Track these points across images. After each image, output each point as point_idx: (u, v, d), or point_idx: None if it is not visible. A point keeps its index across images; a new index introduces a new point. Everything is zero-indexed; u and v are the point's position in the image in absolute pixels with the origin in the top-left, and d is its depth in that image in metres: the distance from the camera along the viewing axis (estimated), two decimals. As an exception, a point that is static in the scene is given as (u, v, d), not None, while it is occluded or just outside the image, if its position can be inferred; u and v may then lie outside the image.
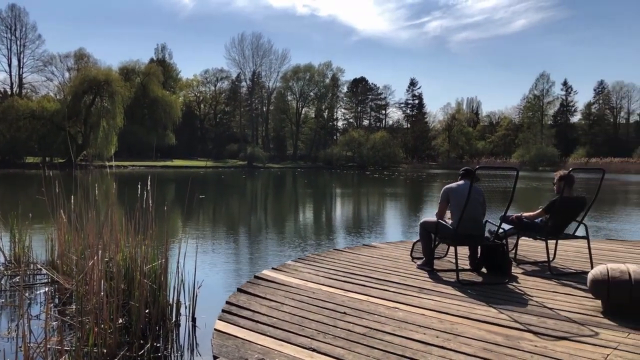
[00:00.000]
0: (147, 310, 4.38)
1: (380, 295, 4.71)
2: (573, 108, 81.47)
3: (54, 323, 4.42)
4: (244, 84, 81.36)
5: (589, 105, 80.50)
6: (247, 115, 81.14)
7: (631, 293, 4.03)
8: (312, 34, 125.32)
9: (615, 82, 79.18)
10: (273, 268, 5.78)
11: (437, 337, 3.63)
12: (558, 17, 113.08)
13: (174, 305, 4.66)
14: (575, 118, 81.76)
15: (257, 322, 3.96)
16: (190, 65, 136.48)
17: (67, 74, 65.66)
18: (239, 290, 4.86)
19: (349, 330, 3.77)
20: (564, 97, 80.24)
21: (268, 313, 4.16)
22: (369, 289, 4.90)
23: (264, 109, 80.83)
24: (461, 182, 5.61)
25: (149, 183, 4.94)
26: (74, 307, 4.53)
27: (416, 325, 3.88)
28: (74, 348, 3.69)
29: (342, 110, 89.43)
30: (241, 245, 10.35)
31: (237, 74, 79.91)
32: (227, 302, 4.46)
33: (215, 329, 3.83)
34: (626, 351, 3.38)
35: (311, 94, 78.71)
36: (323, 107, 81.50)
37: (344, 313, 4.16)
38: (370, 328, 3.81)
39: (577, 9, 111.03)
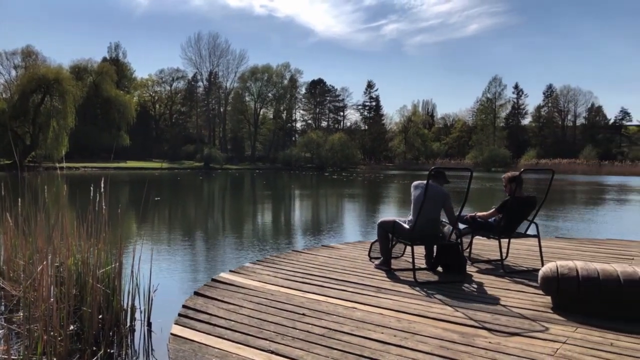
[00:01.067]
0: (100, 316, 4.25)
1: (338, 295, 4.73)
2: (524, 111, 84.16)
3: (0, 331, 4.23)
4: (200, 84, 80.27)
5: (538, 109, 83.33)
6: (203, 115, 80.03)
7: (579, 289, 4.19)
8: (270, 35, 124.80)
9: (563, 86, 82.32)
10: (231, 270, 5.72)
11: (394, 336, 3.67)
12: (509, 22, 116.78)
13: (129, 310, 4.54)
14: (526, 120, 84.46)
15: (215, 325, 3.90)
16: (145, 65, 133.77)
17: (13, 72, 62.99)
18: (196, 293, 4.78)
19: (307, 331, 3.76)
20: (515, 100, 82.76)
21: (226, 316, 4.11)
22: (327, 290, 4.92)
23: (221, 110, 79.87)
24: (423, 181, 5.70)
25: (102, 185, 4.80)
26: (22, 314, 4.35)
27: (374, 324, 3.91)
28: (21, 357, 3.54)
29: (301, 111, 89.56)
30: (198, 248, 10.19)
31: (193, 73, 78.73)
32: (184, 306, 4.39)
33: (171, 334, 3.76)
34: (574, 345, 3.52)
35: (269, 94, 78.34)
36: (281, 108, 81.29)
37: (303, 314, 4.15)
38: (329, 329, 3.82)
39: (527, 15, 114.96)
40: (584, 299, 4.20)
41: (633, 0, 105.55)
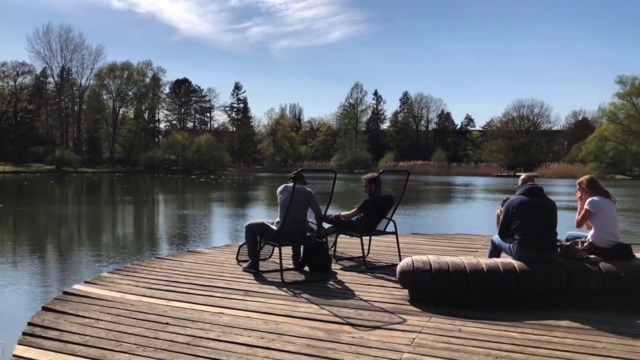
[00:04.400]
0: None
1: (204, 301, 4.60)
2: (383, 116, 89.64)
3: None
4: (50, 80, 73.36)
5: (395, 114, 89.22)
6: (55, 114, 73.29)
7: (432, 281, 4.52)
8: (129, 31, 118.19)
9: (417, 94, 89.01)
10: (86, 282, 5.28)
11: (262, 338, 3.65)
12: (369, 31, 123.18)
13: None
14: (385, 125, 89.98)
15: (67, 342, 3.56)
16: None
17: None
18: (45, 308, 4.33)
19: (171, 340, 3.60)
20: (375, 106, 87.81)
21: (80, 331, 3.77)
22: (193, 296, 4.75)
23: (76, 108, 73.79)
24: (290, 184, 5.76)
25: None
26: None
27: (241, 328, 3.86)
28: None
29: (165, 111, 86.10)
30: (49, 259, 9.29)
31: (42, 68, 71.74)
32: (30, 324, 3.95)
33: (14, 355, 3.36)
34: (428, 334, 3.79)
35: (130, 93, 73.99)
36: (143, 107, 77.22)
37: (166, 323, 3.96)
38: (194, 336, 3.69)
39: (385, 25, 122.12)
40: (436, 290, 4.55)
41: (476, 16, 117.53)
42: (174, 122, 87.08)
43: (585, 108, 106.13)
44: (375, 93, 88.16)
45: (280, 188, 5.78)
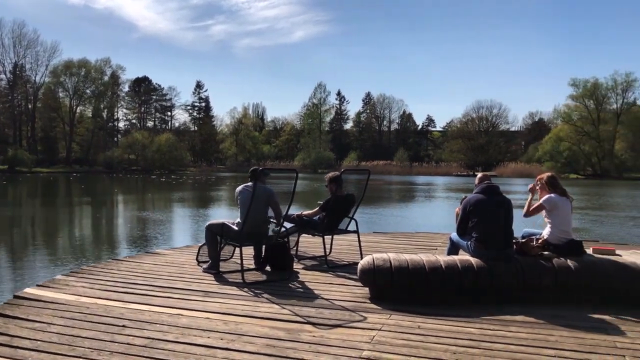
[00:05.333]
0: None
1: (163, 303, 4.51)
2: (346, 116, 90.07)
3: None
4: (2, 76, 70.56)
5: (358, 114, 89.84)
6: (7, 112, 70.47)
7: (392, 279, 4.57)
8: (87, 27, 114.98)
9: (379, 94, 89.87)
10: (38, 285, 5.10)
11: (221, 339, 3.61)
12: (331, 32, 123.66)
13: None
14: (348, 125, 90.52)
15: (16, 347, 3.43)
16: None
17: None
18: (-7, 314, 4.16)
19: (128, 343, 3.51)
20: (338, 106, 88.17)
21: (31, 336, 3.64)
22: (151, 298, 4.66)
23: (30, 106, 71.25)
24: (249, 183, 5.72)
25: None
26: None
27: (200, 329, 3.81)
28: None
29: (124, 110, 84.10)
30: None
31: (-7, 65, 68.98)
32: (-23, 330, 3.78)
33: (-41, 364, 3.21)
34: (388, 331, 3.82)
35: (87, 91, 71.98)
36: (102, 106, 75.22)
37: (123, 326, 3.87)
38: (152, 338, 3.61)
39: (347, 26, 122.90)
40: (396, 287, 4.60)
41: (436, 17, 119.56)
42: (134, 121, 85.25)
43: (542, 109, 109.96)
44: (339, 93, 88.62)
45: (239, 188, 5.72)
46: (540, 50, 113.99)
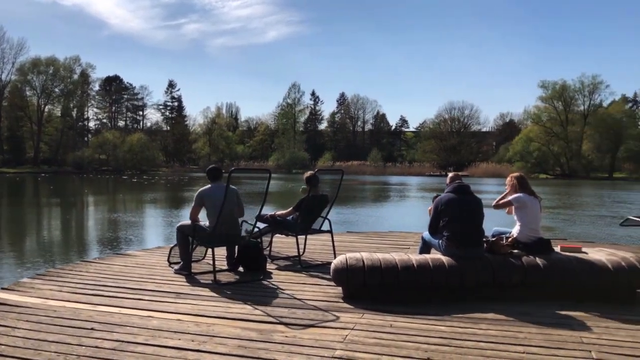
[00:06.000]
0: None
1: (133, 305, 4.44)
2: (320, 117, 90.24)
3: None
4: (-33, 74, 68.55)
5: (333, 115, 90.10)
6: (-28, 111, 68.57)
7: (365, 278, 4.59)
8: (55, 24, 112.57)
9: (353, 95, 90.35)
10: (2, 288, 4.97)
11: (192, 341, 3.57)
12: (305, 32, 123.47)
13: None
14: (323, 125, 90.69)
15: (-21, 353, 3.33)
16: None
17: None
18: (-45, 318, 4.03)
19: (96, 347, 3.44)
20: (312, 106, 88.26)
21: (-6, 341, 3.53)
22: (121, 300, 4.58)
23: (-4, 105, 69.32)
24: (213, 184, 5.68)
25: None
26: None
27: (171, 331, 3.75)
28: None
29: (94, 109, 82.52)
30: (-37, 265, 8.67)
31: (-44, 62, 66.87)
32: (-63, 335, 3.66)
33: None
34: (360, 330, 3.83)
35: (56, 90, 70.35)
36: (71, 105, 73.64)
37: (92, 329, 3.79)
38: (121, 341, 3.54)
39: (321, 26, 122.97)
40: (369, 287, 4.62)
41: (408, 18, 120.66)
42: (105, 120, 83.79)
43: (512, 110, 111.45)
44: (313, 94, 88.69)
45: (205, 189, 5.65)
46: (511, 52, 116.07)
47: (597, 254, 4.97)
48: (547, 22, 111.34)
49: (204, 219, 5.67)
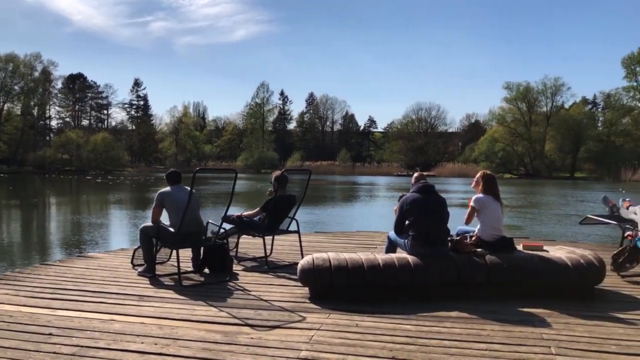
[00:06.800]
0: None
1: (95, 309, 4.33)
2: (289, 116, 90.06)
3: None
4: None
5: (302, 115, 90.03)
6: None
7: (331, 278, 4.59)
8: (15, 19, 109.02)
9: (322, 95, 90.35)
10: (-44, 293, 4.77)
11: (155, 344, 3.50)
12: (274, 31, 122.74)
13: None
14: (292, 125, 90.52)
15: None
16: None
17: None
18: None
19: (54, 352, 3.34)
20: (281, 106, 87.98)
21: (-55, 349, 3.39)
22: (82, 304, 4.46)
23: (-49, 103, 66.78)
24: (174, 186, 5.61)
25: None
26: None
27: (134, 335, 3.67)
28: None
29: (57, 108, 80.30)
30: None
31: None
32: None
33: None
34: (326, 330, 3.83)
35: (16, 87, 68.23)
36: (32, 103, 71.49)
37: (50, 334, 3.67)
38: (81, 346, 3.45)
39: (290, 26, 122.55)
40: (336, 287, 4.62)
41: (375, 19, 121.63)
42: (68, 119, 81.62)
43: (478, 111, 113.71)
44: (282, 93, 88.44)
45: (165, 191, 5.56)
46: (477, 53, 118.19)
47: (557, 252, 5.09)
48: (512, 24, 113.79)
49: (166, 221, 5.57)
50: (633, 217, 5.99)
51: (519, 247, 5.23)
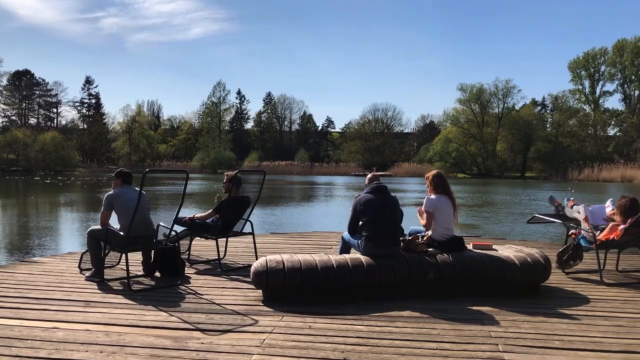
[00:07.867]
0: None
1: (37, 316, 4.15)
2: (247, 116, 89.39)
3: None
4: None
5: (259, 114, 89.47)
6: None
7: (285, 280, 4.56)
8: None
9: (280, 95, 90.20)
10: None
11: (101, 352, 3.38)
12: (231, 30, 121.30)
13: None
14: (249, 125, 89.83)
15: None
16: None
17: None
18: None
19: (-9, 364, 3.18)
20: (238, 105, 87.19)
21: None
22: (23, 312, 4.27)
23: None
24: (124, 186, 5.46)
25: None
26: None
27: (78, 343, 3.54)
28: None
29: (2, 105, 77.01)
30: None
31: None
32: None
33: None
34: (279, 333, 3.80)
35: (-43, 84, 65.20)
36: (-25, 101, 68.47)
37: (-13, 345, 3.49)
38: (21, 356, 3.30)
39: (247, 25, 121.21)
40: (289, 289, 4.59)
41: (332, 20, 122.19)
42: (13, 117, 78.35)
43: (432, 112, 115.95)
44: (239, 92, 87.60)
45: (114, 192, 5.41)
46: (432, 54, 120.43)
47: (506, 250, 5.23)
48: (465, 24, 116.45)
49: (115, 223, 5.41)
50: (576, 216, 6.21)
51: (469, 246, 5.34)
